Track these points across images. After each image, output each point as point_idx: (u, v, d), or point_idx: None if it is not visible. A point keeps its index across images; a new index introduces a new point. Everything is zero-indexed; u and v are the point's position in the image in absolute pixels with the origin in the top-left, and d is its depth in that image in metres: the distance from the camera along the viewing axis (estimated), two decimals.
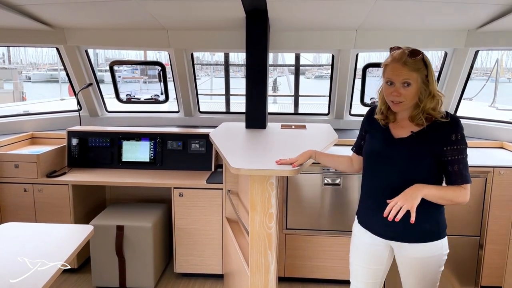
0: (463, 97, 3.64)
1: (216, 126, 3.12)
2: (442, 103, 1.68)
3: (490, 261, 2.83)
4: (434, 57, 4.15)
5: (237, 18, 3.03)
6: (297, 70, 3.88)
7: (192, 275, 3.07)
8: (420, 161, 1.67)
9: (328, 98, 3.84)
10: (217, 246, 2.96)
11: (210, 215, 2.93)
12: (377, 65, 3.73)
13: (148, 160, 3.28)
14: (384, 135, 1.77)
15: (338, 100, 3.73)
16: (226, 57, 3.84)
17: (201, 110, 4.11)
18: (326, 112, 3.96)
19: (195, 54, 3.73)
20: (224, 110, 4.20)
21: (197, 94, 4.00)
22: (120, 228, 2.80)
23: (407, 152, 1.69)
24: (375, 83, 1.85)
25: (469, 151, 1.68)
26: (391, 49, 1.70)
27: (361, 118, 1.95)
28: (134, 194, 3.43)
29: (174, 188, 2.90)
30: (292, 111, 4.16)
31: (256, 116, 3.07)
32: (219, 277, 3.03)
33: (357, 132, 1.98)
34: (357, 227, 1.92)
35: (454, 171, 1.65)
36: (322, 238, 2.93)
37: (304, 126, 3.22)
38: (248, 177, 2.12)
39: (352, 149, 2.01)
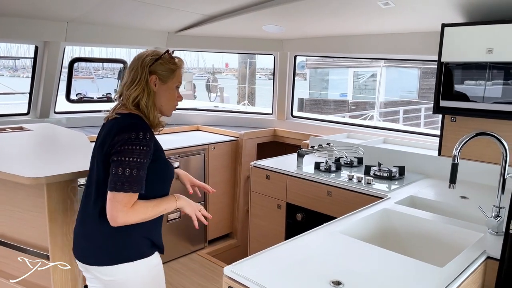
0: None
1: None
2: None
3: (212, 220, 3.53)
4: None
5: None
6: None
7: None
8: None
9: (28, 95, 3.39)
10: None
11: None
12: (84, 59, 3.64)
13: None
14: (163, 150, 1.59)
15: (43, 98, 3.37)
16: None
17: None
18: (26, 111, 3.47)
19: None
20: None
21: None
22: None
23: None
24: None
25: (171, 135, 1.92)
26: (168, 53, 1.53)
27: (68, 116, 1.89)
28: None
29: None
30: None
31: None
32: None
33: None
34: (159, 257, 1.60)
35: None
36: None
37: (21, 128, 2.81)
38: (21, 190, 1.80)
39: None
